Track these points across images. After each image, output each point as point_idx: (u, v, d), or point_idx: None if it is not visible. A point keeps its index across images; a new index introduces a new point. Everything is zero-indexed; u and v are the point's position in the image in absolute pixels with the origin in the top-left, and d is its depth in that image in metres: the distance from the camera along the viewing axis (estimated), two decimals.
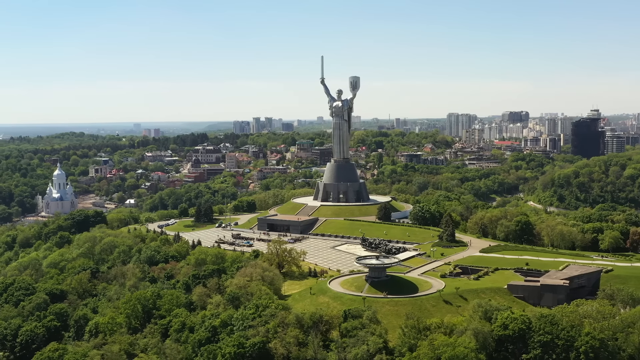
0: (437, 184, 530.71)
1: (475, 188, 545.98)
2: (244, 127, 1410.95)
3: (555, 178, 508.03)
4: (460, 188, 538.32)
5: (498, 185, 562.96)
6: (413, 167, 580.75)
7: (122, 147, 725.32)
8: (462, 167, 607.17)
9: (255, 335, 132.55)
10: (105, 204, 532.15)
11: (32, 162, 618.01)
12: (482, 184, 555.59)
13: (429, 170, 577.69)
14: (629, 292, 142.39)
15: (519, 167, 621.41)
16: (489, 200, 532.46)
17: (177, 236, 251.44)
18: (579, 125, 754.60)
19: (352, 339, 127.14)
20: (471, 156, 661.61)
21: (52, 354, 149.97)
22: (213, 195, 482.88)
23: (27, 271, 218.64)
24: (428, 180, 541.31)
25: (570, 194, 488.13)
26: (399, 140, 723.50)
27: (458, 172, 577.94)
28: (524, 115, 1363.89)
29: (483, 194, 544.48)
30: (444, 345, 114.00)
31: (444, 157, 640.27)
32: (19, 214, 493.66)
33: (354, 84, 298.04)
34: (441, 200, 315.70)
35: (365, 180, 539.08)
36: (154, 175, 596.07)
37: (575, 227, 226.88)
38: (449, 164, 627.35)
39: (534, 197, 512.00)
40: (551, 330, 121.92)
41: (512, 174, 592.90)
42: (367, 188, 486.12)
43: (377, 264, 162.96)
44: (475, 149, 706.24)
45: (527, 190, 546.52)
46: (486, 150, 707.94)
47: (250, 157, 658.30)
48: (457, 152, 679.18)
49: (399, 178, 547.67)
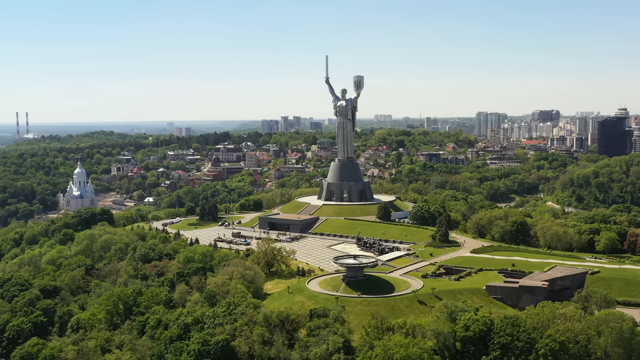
0: (455, 183, 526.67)
1: (494, 188, 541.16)
2: (272, 126, 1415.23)
3: (575, 178, 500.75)
4: (479, 188, 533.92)
5: (518, 185, 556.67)
6: (432, 167, 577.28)
7: (145, 146, 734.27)
8: (483, 167, 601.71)
9: (222, 333, 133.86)
10: (125, 202, 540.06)
11: (56, 161, 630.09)
12: (502, 183, 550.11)
13: (447, 170, 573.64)
14: (603, 295, 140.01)
15: (541, 166, 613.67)
16: (508, 200, 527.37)
17: (177, 234, 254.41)
18: (605, 124, 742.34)
19: (314, 338, 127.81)
20: (493, 155, 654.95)
21: (31, 349, 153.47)
22: (229, 194, 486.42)
23: (26, 267, 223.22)
24: (446, 179, 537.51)
25: (589, 194, 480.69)
26: (421, 139, 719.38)
27: (477, 172, 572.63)
28: (555, 114, 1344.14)
29: (502, 194, 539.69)
30: (397, 345, 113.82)
31: (464, 157, 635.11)
32: (41, 212, 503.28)
33: (358, 83, 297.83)
34: (447, 200, 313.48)
35: (382, 179, 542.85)
36: (175, 174, 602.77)
37: (573, 228, 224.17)
38: (470, 163, 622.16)
39: (553, 198, 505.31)
40: (512, 332, 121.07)
41: (534, 174, 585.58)
42: (383, 187, 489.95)
43: (354, 263, 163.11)
44: (498, 149, 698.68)
45: (546, 190, 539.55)
46: (509, 150, 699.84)
47: (270, 156, 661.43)
48: (478, 151, 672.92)
49: (416, 177, 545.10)
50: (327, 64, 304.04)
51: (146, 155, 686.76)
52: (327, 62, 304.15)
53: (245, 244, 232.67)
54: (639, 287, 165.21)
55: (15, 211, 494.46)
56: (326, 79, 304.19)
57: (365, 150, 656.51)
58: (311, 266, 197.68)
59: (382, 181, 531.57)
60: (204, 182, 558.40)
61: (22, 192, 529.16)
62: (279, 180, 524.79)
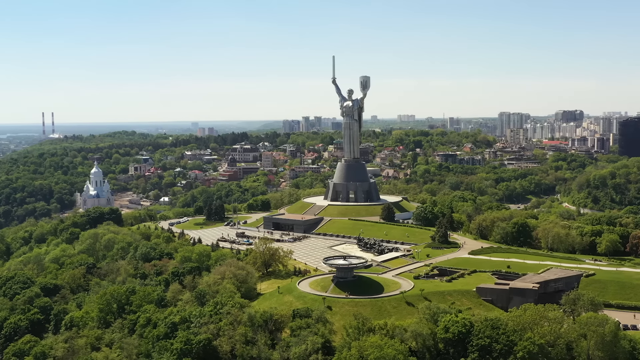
0: (470, 184, 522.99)
1: (510, 189, 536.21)
2: (293, 126, 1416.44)
3: (591, 179, 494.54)
4: (494, 189, 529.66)
5: (535, 186, 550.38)
6: (447, 167, 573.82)
7: (163, 146, 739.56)
8: (500, 168, 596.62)
9: (206, 332, 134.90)
10: (142, 202, 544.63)
11: (75, 160, 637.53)
12: (518, 184, 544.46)
13: (463, 171, 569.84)
14: (590, 297, 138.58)
15: (559, 167, 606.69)
16: (524, 201, 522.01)
17: (181, 234, 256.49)
18: (626, 124, 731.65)
19: (295, 339, 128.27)
20: (510, 156, 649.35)
21: (24, 346, 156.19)
22: (243, 194, 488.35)
23: (30, 265, 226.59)
24: (461, 180, 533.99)
25: (605, 196, 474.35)
26: (439, 139, 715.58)
27: (494, 173, 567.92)
28: (578, 114, 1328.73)
29: (518, 194, 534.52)
30: (372, 346, 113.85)
31: (481, 157, 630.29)
32: (58, 211, 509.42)
33: (364, 83, 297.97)
34: (455, 201, 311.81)
35: (397, 180, 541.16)
36: (191, 174, 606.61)
37: (575, 230, 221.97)
38: (487, 164, 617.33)
39: (569, 199, 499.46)
40: (491, 334, 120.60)
41: (551, 175, 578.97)
42: (397, 187, 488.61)
43: (344, 264, 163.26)
44: (516, 149, 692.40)
45: (563, 191, 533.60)
46: (527, 150, 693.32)
47: (287, 156, 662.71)
48: (496, 152, 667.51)
49: (431, 178, 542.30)
50: (333, 65, 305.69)
51: (164, 155, 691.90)
52: (334, 62, 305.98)
53: (248, 244, 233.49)
54: (633, 290, 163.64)
55: (33, 210, 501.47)
56: (333, 80, 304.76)
57: (381, 151, 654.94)
58: (309, 266, 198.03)
59: (396, 182, 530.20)
60: (219, 182, 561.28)
61: (40, 192, 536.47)
62: (293, 181, 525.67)
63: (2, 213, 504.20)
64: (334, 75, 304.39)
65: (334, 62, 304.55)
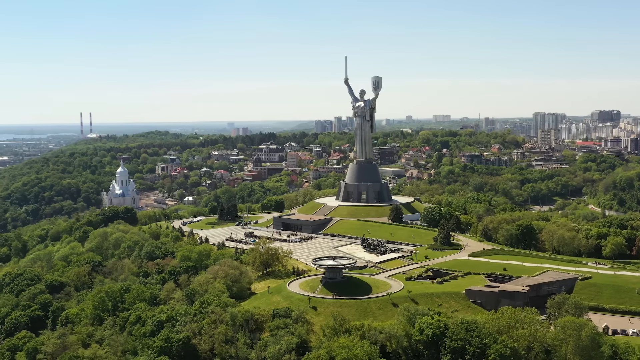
0: (494, 185, 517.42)
1: (536, 190, 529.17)
2: (325, 127, 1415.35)
3: (617, 180, 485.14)
4: (519, 190, 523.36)
5: (561, 188, 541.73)
6: (472, 168, 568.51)
7: (191, 146, 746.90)
8: (526, 169, 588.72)
9: (187, 330, 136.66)
10: (167, 201, 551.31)
11: (104, 160, 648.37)
12: (544, 185, 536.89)
13: (488, 172, 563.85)
14: (574, 301, 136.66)
15: (588, 168, 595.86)
16: (550, 203, 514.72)
17: (190, 233, 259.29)
18: None
19: (272, 338, 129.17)
20: (539, 157, 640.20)
21: (19, 342, 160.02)
22: (265, 194, 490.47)
23: (39, 263, 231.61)
24: (486, 181, 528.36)
25: (631, 198, 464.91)
26: (467, 140, 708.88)
27: (519, 174, 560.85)
28: (615, 114, 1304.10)
29: (544, 196, 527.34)
30: (341, 347, 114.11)
31: (508, 158, 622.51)
32: (84, 209, 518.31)
33: (376, 84, 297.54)
34: (469, 202, 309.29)
35: (420, 180, 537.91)
36: (217, 174, 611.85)
37: (581, 232, 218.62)
38: (514, 164, 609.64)
39: (594, 201, 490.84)
40: (465, 337, 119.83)
41: (579, 176, 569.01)
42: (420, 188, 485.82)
43: (332, 265, 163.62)
44: (545, 150, 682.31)
45: (589, 193, 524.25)
46: (557, 151, 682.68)
47: (312, 157, 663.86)
48: (524, 152, 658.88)
49: (455, 179, 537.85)
50: (346, 65, 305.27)
51: (191, 155, 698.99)
52: (347, 63, 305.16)
53: (254, 244, 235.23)
54: (628, 294, 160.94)
55: (60, 208, 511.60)
56: (345, 80, 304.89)
57: (407, 151, 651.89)
58: (309, 267, 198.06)
59: (419, 182, 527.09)
60: (242, 182, 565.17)
61: (68, 190, 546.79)
62: (315, 181, 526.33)
63: (31, 211, 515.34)
64: (347, 76, 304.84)
65: (347, 63, 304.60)
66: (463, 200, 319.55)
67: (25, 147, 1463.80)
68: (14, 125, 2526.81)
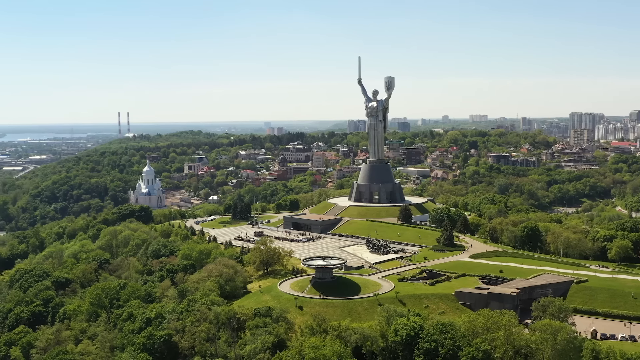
0: (520, 186, 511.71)
1: (563, 191, 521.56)
2: (358, 126, 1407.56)
3: None
4: (545, 191, 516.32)
5: (590, 189, 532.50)
6: (498, 169, 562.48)
7: (219, 146, 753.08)
8: (555, 170, 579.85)
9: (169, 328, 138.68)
10: (192, 200, 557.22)
11: (133, 159, 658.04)
12: (571, 187, 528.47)
13: (515, 172, 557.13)
14: (558, 304, 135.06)
15: (619, 169, 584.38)
16: (577, 204, 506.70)
17: (201, 232, 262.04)
18: None
19: (250, 337, 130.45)
20: (568, 158, 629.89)
21: (15, 336, 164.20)
22: (287, 194, 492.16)
23: (50, 260, 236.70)
24: (511, 182, 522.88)
25: None
26: (496, 140, 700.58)
27: (547, 175, 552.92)
28: None
29: (571, 197, 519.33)
30: (310, 347, 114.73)
31: (536, 159, 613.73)
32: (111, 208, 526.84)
33: (389, 84, 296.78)
34: (484, 203, 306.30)
35: (445, 181, 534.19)
36: (243, 173, 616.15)
37: (587, 234, 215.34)
38: (543, 165, 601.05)
39: (622, 202, 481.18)
40: (438, 339, 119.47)
41: (609, 177, 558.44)
42: (444, 189, 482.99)
43: (322, 265, 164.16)
44: (575, 150, 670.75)
45: (618, 194, 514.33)
46: (588, 152, 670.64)
47: (339, 156, 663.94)
48: (554, 153, 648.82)
49: (480, 179, 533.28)
50: (359, 65, 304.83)
51: (219, 154, 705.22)
52: (360, 63, 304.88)
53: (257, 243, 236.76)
54: (623, 299, 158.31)
55: (87, 207, 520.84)
56: (359, 80, 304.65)
57: (433, 152, 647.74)
58: None
59: (443, 183, 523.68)
60: (267, 182, 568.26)
61: (96, 189, 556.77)
62: (338, 181, 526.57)
63: (60, 209, 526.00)
64: (360, 76, 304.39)
65: (360, 63, 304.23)
66: (478, 201, 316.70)
67: (64, 146, 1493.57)
68: (55, 125, 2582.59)
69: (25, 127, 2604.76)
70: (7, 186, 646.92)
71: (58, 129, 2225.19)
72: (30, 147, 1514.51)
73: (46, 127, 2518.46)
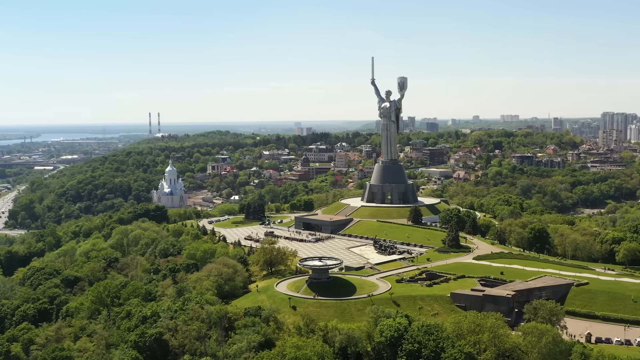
0: (543, 187, 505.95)
1: (587, 193, 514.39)
2: None
3: None
4: (569, 192, 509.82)
5: (615, 190, 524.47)
6: (521, 169, 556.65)
7: (243, 146, 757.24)
8: (580, 170, 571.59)
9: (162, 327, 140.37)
10: (214, 200, 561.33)
11: (157, 159, 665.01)
12: (596, 188, 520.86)
13: (538, 173, 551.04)
14: (550, 307, 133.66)
15: None
16: (601, 206, 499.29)
17: (212, 232, 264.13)
18: None
19: (238, 336, 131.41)
20: (595, 158, 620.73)
21: (18, 333, 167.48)
22: (307, 194, 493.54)
23: (62, 258, 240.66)
24: (534, 183, 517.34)
25: None
26: (521, 141, 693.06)
27: (571, 176, 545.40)
28: None
29: (595, 199, 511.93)
30: (292, 346, 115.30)
31: (562, 160, 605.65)
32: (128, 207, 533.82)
33: (402, 84, 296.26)
34: (499, 205, 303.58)
35: (466, 182, 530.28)
36: (266, 173, 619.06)
37: (595, 237, 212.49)
38: (568, 166, 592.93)
39: None
40: (422, 340, 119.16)
41: (635, 178, 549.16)
42: (464, 189, 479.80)
43: (319, 265, 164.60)
44: (603, 151, 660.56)
45: None
46: (615, 153, 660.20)
47: (362, 157, 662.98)
48: (580, 154, 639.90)
49: (502, 180, 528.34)
50: (372, 66, 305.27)
51: (243, 154, 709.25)
52: (373, 63, 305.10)
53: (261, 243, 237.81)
54: (622, 302, 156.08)
55: (111, 206, 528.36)
56: (372, 80, 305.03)
57: (456, 152, 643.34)
58: None
59: (464, 184, 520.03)
60: (288, 182, 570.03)
61: (120, 188, 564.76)
62: (359, 181, 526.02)
63: (84, 208, 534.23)
64: (373, 77, 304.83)
65: (373, 63, 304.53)
66: (493, 202, 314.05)
67: (96, 146, 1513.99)
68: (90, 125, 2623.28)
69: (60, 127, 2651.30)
70: (35, 185, 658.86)
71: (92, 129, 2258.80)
72: (63, 147, 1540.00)
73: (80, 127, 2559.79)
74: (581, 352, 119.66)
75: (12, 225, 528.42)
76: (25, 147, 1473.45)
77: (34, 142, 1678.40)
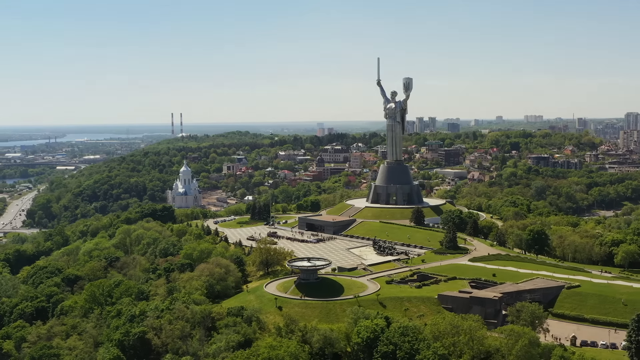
0: (558, 188, 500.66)
1: (603, 194, 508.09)
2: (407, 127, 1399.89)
3: None
4: (585, 194, 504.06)
5: (632, 192, 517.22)
6: (537, 170, 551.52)
7: (260, 146, 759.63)
8: (597, 172, 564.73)
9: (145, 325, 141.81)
10: (228, 200, 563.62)
11: (174, 159, 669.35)
12: (612, 189, 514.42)
13: (554, 174, 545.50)
14: (532, 310, 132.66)
15: None
16: (618, 208, 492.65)
17: (215, 232, 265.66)
18: None
19: (219, 336, 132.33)
20: (613, 159, 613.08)
21: (12, 330, 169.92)
22: (319, 194, 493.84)
23: (65, 257, 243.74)
24: (550, 184, 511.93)
25: None
26: (539, 141, 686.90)
27: (587, 177, 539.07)
28: None
29: (612, 200, 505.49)
30: (266, 347, 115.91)
31: (579, 160, 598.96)
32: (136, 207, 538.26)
33: (407, 85, 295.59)
34: (505, 206, 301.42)
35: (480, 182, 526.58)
36: (281, 174, 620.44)
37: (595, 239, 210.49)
38: (585, 167, 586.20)
39: None
40: (397, 342, 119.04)
41: None
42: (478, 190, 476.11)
43: (307, 266, 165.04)
44: (622, 152, 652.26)
45: None
46: (635, 153, 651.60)
47: (377, 157, 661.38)
48: (598, 155, 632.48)
49: (517, 181, 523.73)
50: (378, 67, 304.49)
51: (259, 155, 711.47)
52: (379, 64, 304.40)
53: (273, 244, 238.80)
54: (612, 305, 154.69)
55: (126, 205, 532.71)
56: (377, 81, 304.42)
57: (472, 153, 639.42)
58: None
59: (478, 184, 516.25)
60: (302, 182, 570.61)
61: (135, 188, 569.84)
62: (372, 182, 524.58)
63: (100, 207, 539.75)
64: (379, 77, 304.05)
65: (379, 64, 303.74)
66: (500, 204, 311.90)
67: (119, 146, 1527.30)
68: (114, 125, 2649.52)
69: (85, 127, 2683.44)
70: (54, 185, 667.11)
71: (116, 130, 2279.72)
72: (86, 147, 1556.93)
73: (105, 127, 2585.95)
74: (561, 355, 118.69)
75: (29, 225, 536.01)
76: (50, 147, 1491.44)
77: (59, 142, 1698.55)
